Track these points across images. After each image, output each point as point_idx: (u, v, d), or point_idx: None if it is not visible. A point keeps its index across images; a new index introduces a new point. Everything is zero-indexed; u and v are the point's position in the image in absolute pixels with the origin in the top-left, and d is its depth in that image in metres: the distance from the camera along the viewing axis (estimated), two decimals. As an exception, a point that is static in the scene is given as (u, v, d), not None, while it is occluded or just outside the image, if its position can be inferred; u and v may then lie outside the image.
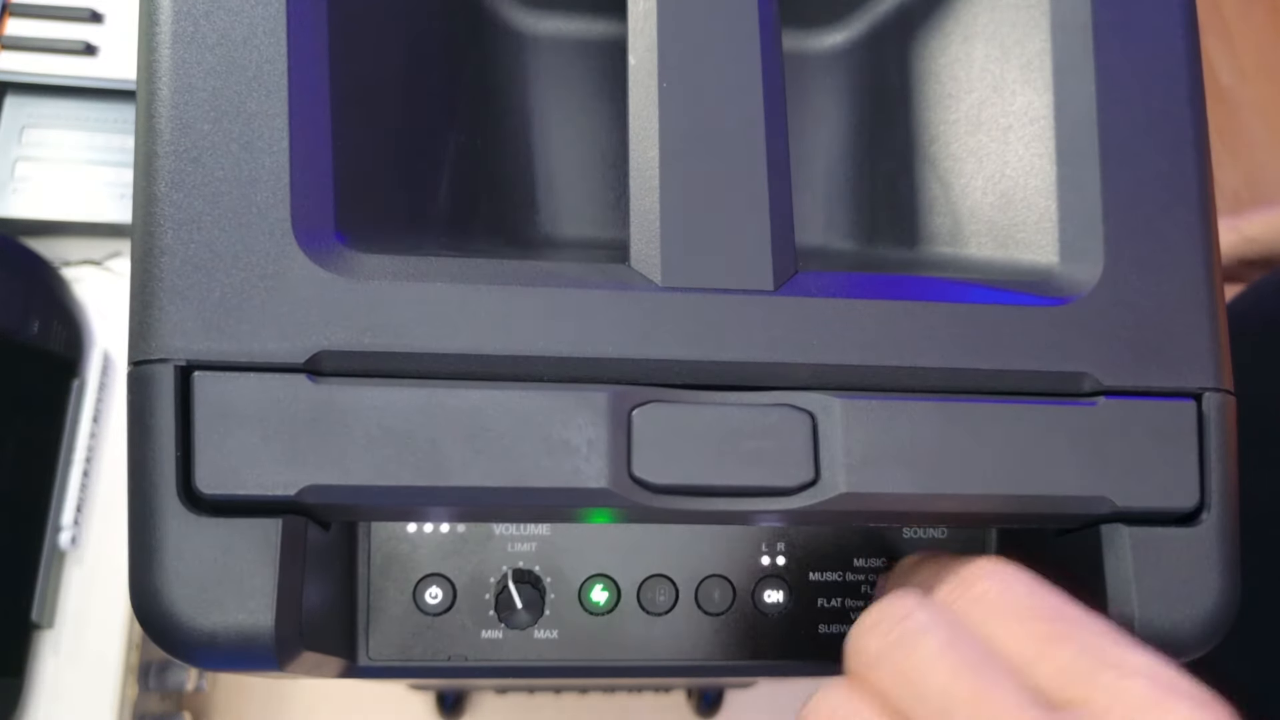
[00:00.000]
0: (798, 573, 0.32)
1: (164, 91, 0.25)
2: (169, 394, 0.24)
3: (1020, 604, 0.23)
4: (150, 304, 0.24)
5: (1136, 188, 0.28)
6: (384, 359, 0.25)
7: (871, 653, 0.23)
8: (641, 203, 0.27)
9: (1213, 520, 0.27)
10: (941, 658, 0.22)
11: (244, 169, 0.25)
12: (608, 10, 0.36)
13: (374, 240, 0.26)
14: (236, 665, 0.25)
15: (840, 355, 0.26)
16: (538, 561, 0.31)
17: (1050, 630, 0.23)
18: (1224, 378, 0.27)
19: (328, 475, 0.24)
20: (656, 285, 0.26)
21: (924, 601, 0.23)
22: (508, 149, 0.35)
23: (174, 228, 0.25)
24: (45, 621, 0.48)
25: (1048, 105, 0.29)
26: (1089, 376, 0.27)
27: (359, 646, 0.31)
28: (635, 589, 0.32)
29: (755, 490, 0.25)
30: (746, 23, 0.27)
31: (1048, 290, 0.27)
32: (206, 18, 0.25)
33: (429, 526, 0.31)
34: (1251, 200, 1.33)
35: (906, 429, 0.26)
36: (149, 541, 0.24)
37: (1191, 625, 0.27)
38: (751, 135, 0.27)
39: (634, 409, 0.25)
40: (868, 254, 0.35)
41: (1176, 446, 0.27)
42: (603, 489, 0.25)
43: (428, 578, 0.31)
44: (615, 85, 0.36)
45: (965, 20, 0.32)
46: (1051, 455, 0.26)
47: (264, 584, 0.24)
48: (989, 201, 0.31)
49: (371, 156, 0.28)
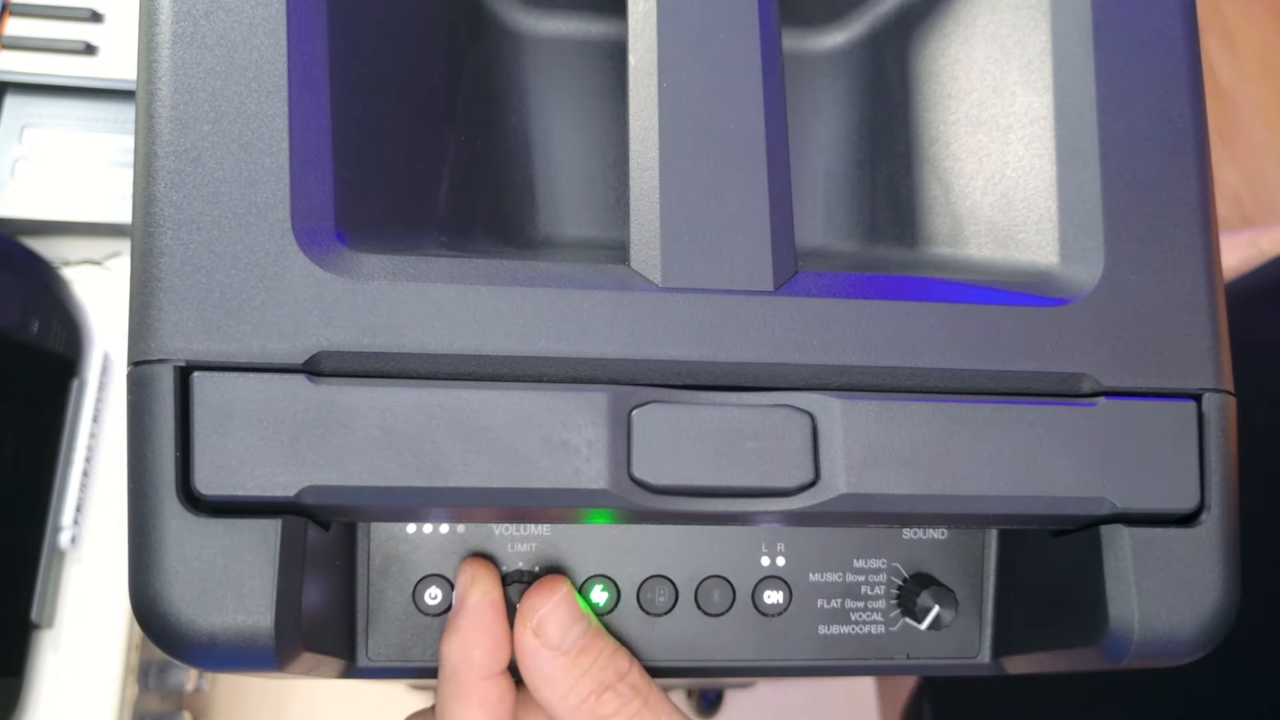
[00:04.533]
0: (798, 573, 0.32)
1: (164, 91, 0.25)
2: (168, 394, 0.24)
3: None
4: (149, 304, 0.24)
5: (1136, 188, 0.28)
6: (384, 359, 0.25)
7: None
8: (641, 203, 0.27)
9: (1213, 521, 0.27)
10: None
11: (244, 169, 0.25)
12: (608, 10, 0.36)
13: (374, 240, 0.26)
14: (236, 666, 0.25)
15: (840, 356, 0.26)
16: (537, 562, 0.31)
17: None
18: (1224, 378, 0.27)
19: (327, 476, 0.24)
20: (656, 286, 0.26)
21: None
22: (508, 149, 0.35)
23: (173, 228, 0.25)
24: (45, 621, 0.48)
25: (1048, 105, 0.29)
26: (1089, 377, 0.27)
27: (358, 647, 0.31)
28: (635, 589, 0.32)
29: (755, 491, 0.25)
30: (746, 23, 0.27)
31: (1048, 291, 0.27)
32: (206, 18, 0.25)
33: (429, 527, 0.31)
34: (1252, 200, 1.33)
35: (906, 430, 0.26)
36: (148, 542, 0.24)
37: (1192, 627, 0.27)
38: (751, 135, 0.27)
39: (634, 409, 0.25)
40: (868, 254, 0.35)
41: (1176, 447, 0.27)
42: (602, 490, 0.25)
43: (427, 578, 0.31)
44: (615, 85, 0.36)
45: (965, 20, 0.32)
46: (1051, 456, 0.26)
47: (263, 585, 0.24)
48: (989, 202, 0.31)
49: (371, 157, 0.28)
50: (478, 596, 0.29)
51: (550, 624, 0.29)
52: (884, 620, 0.33)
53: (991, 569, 0.33)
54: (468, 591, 0.30)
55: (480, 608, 0.29)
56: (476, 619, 0.29)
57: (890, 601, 0.33)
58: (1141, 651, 0.27)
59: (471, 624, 0.29)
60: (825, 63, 0.37)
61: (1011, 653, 0.32)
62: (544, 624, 0.29)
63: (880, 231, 0.35)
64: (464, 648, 0.29)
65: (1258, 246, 0.68)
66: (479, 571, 0.30)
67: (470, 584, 0.30)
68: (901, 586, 0.33)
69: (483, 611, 0.29)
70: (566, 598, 0.29)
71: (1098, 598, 0.27)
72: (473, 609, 0.29)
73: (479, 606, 0.29)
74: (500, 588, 0.30)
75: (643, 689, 0.29)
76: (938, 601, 0.31)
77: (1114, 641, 0.27)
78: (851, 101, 0.37)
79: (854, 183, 0.36)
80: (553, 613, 0.29)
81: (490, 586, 0.30)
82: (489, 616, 0.29)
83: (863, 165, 0.36)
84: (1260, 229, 0.69)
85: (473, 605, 0.29)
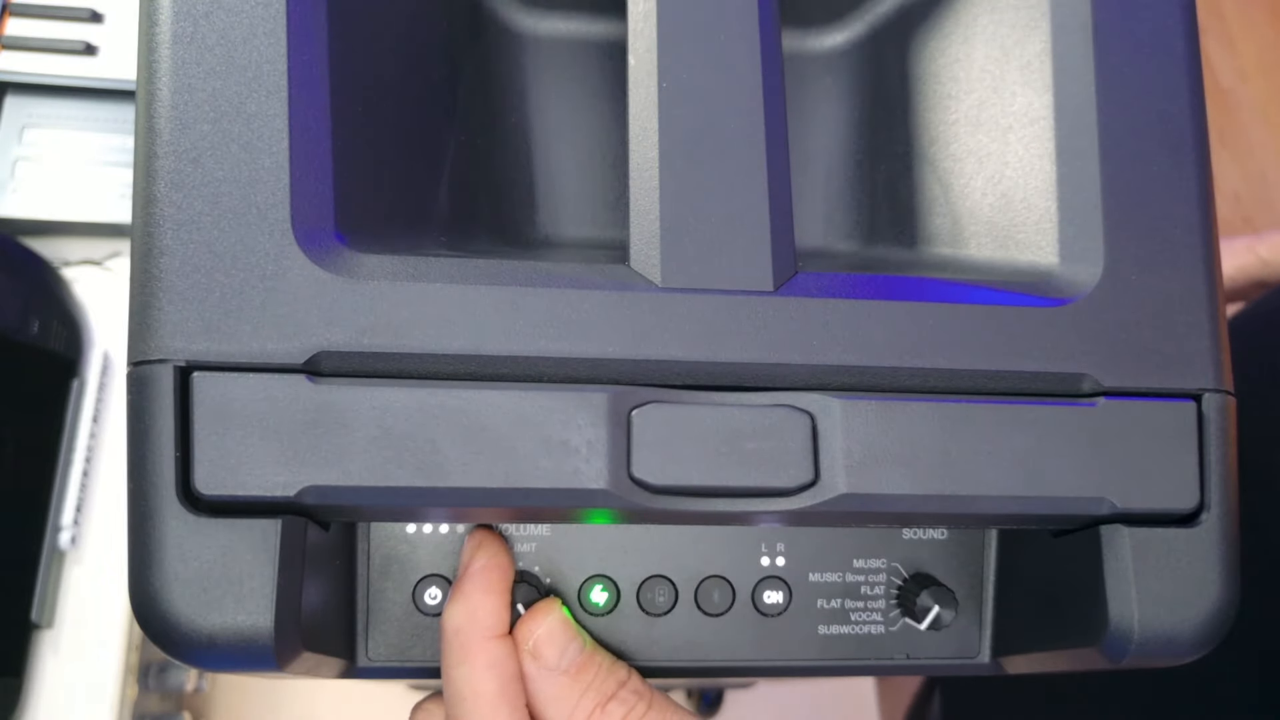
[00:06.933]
0: (798, 573, 0.32)
1: (164, 91, 0.25)
2: (168, 394, 0.24)
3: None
4: (149, 304, 0.24)
5: (1136, 188, 0.28)
6: (383, 359, 0.25)
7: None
8: (641, 203, 0.27)
9: (1213, 521, 0.27)
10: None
11: (244, 169, 0.25)
12: (608, 10, 0.36)
13: (374, 240, 0.26)
14: (236, 666, 0.25)
15: (840, 356, 0.26)
16: (537, 562, 0.31)
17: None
18: (1224, 378, 0.27)
19: (327, 476, 0.24)
20: (656, 286, 0.26)
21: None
22: (508, 149, 0.35)
23: (173, 228, 0.25)
24: (45, 621, 0.48)
25: (1048, 106, 0.29)
26: (1089, 377, 0.27)
27: (358, 647, 0.31)
28: (635, 589, 0.32)
29: (755, 491, 0.25)
30: (746, 23, 0.27)
31: (1048, 291, 0.27)
32: (206, 18, 0.25)
33: (428, 527, 0.31)
34: (1252, 200, 1.33)
35: (906, 430, 0.26)
36: (148, 542, 0.24)
37: (1191, 626, 0.27)
38: (751, 135, 0.27)
39: (633, 410, 0.25)
40: (868, 254, 0.35)
41: (1176, 447, 0.27)
42: (602, 490, 0.25)
43: (427, 578, 0.31)
44: (615, 85, 0.36)
45: (965, 21, 0.32)
46: (1051, 456, 0.26)
47: (263, 585, 0.24)
48: (989, 202, 0.31)
49: (371, 157, 0.28)
50: (484, 560, 0.30)
51: (547, 646, 0.29)
52: (884, 620, 0.33)
53: (991, 569, 0.33)
54: (473, 556, 0.30)
55: (487, 570, 0.29)
56: (483, 581, 0.29)
57: (890, 601, 0.33)
58: (1141, 651, 0.27)
59: (476, 586, 0.29)
60: (825, 63, 0.37)
61: (1011, 652, 0.32)
62: (540, 647, 0.29)
63: (880, 231, 0.35)
64: (468, 608, 0.29)
65: (1255, 253, 0.68)
66: (484, 538, 0.30)
67: (476, 548, 0.30)
68: (901, 586, 0.33)
69: (489, 573, 0.29)
70: (560, 619, 0.29)
71: (1098, 597, 0.27)
72: (478, 572, 0.29)
73: (485, 569, 0.29)
74: (506, 553, 0.30)
75: (645, 693, 0.29)
76: (937, 601, 0.31)
77: (1114, 641, 0.27)
78: (851, 101, 0.37)
79: (854, 183, 0.36)
80: (548, 635, 0.29)
81: (496, 550, 0.30)
82: (495, 578, 0.29)
83: (863, 165, 0.36)
84: (1258, 236, 0.69)
85: (478, 569, 0.29)
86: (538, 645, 0.29)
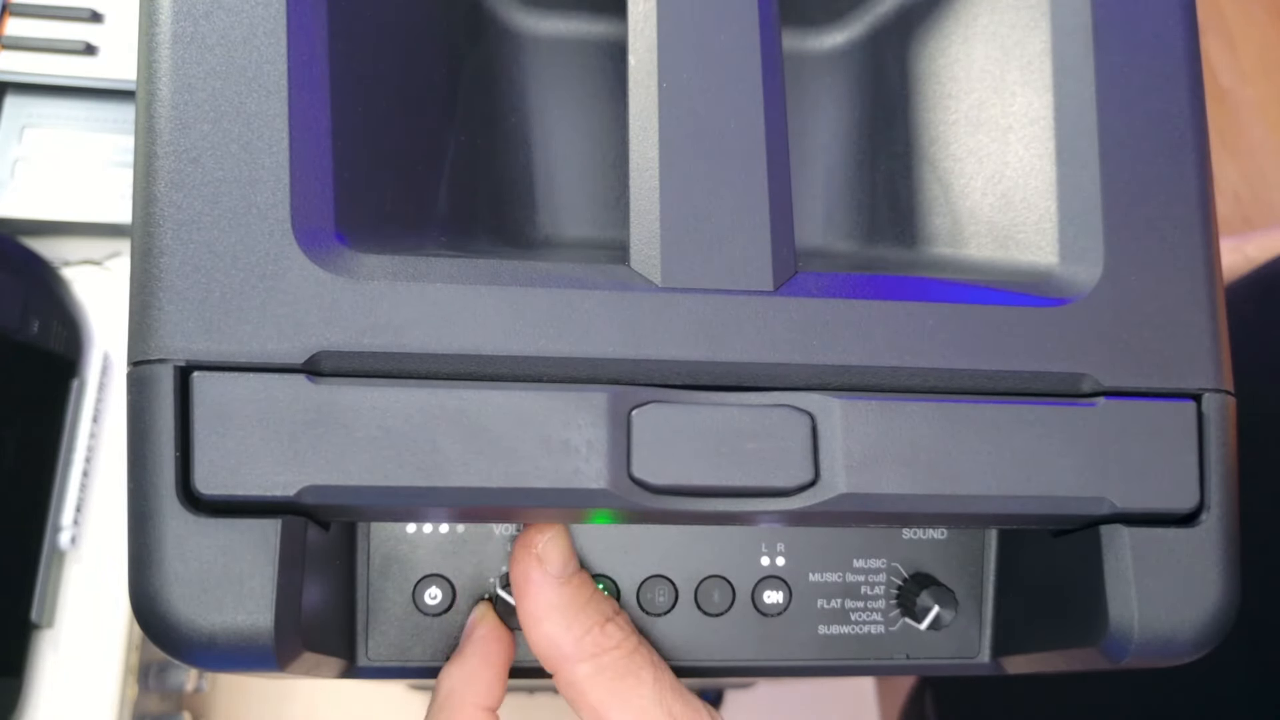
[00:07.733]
0: (797, 573, 0.32)
1: (164, 91, 0.25)
2: (168, 394, 0.24)
3: None
4: (149, 304, 0.24)
5: (1136, 188, 0.28)
6: (383, 359, 0.25)
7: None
8: (641, 203, 0.27)
9: (1213, 521, 0.27)
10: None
11: (244, 169, 0.25)
12: (608, 10, 0.36)
13: (374, 240, 0.26)
14: (236, 666, 0.25)
15: (840, 356, 0.26)
16: (537, 562, 0.31)
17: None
18: (1224, 378, 0.27)
19: (327, 476, 0.24)
20: (656, 286, 0.26)
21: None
22: (508, 149, 0.35)
23: (173, 228, 0.25)
24: (45, 621, 0.48)
25: (1048, 106, 0.29)
26: (1089, 377, 0.27)
27: (358, 647, 0.31)
28: (635, 589, 0.32)
29: (754, 491, 0.25)
30: (746, 23, 0.27)
31: (1047, 291, 0.27)
32: (206, 18, 0.25)
33: (428, 527, 0.31)
34: (1252, 200, 1.33)
35: (906, 430, 0.26)
36: (148, 542, 0.24)
37: (1192, 626, 0.27)
38: (751, 135, 0.27)
39: (633, 409, 0.25)
40: (868, 254, 0.35)
41: (1176, 447, 0.27)
42: (602, 490, 0.25)
43: (427, 578, 0.31)
44: (615, 85, 0.36)
45: (965, 21, 0.32)
46: (1051, 456, 0.26)
47: (263, 585, 0.24)
48: (989, 202, 0.31)
49: (371, 157, 0.28)
50: (486, 629, 0.30)
51: (553, 551, 0.29)
52: (884, 620, 0.33)
53: (991, 569, 0.33)
54: (478, 623, 0.31)
55: (488, 640, 0.30)
56: (484, 650, 0.30)
57: (890, 601, 0.33)
58: (1141, 651, 0.27)
59: (476, 652, 0.30)
60: (825, 63, 0.37)
61: (1011, 653, 0.32)
62: (548, 551, 0.29)
63: (880, 231, 0.35)
64: (465, 673, 0.30)
65: (1243, 253, 0.69)
66: (491, 608, 0.31)
67: (481, 617, 0.31)
68: (901, 586, 0.33)
69: (490, 644, 0.30)
70: (564, 531, 0.30)
71: (1097, 597, 0.27)
72: (480, 640, 0.30)
73: (486, 639, 0.30)
74: (511, 633, 0.31)
75: (633, 632, 0.30)
76: (937, 601, 0.31)
77: (1114, 641, 0.27)
78: (851, 101, 0.37)
79: (854, 183, 0.36)
80: (553, 541, 0.29)
81: (499, 624, 0.31)
82: (495, 650, 0.30)
83: (863, 165, 0.36)
84: (1245, 235, 0.69)
85: (480, 637, 0.30)
86: (545, 549, 0.29)
